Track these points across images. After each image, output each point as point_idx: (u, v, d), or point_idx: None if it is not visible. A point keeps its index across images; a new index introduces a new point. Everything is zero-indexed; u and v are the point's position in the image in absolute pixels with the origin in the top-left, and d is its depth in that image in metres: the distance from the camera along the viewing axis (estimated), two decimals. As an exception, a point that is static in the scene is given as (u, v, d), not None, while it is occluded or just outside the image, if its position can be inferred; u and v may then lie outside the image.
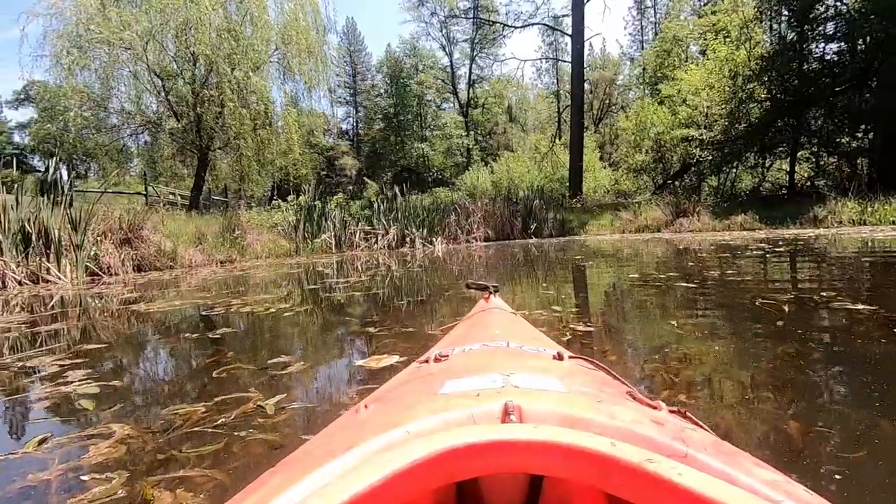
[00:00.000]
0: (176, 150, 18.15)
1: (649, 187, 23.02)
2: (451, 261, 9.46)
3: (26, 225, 7.05)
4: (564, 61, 32.05)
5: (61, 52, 14.90)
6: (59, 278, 7.08)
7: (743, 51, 17.83)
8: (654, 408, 0.57)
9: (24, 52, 15.62)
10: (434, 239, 13.25)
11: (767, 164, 18.55)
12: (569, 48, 24.47)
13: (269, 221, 12.90)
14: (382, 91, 37.52)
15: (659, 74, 29.05)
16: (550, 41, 36.55)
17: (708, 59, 20.31)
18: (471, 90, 36.62)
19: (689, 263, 5.68)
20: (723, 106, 17.73)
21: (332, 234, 12.36)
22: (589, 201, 20.86)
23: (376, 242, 12.75)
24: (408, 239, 13.05)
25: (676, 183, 21.89)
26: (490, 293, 1.58)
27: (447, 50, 36.70)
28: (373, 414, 0.60)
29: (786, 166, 17.76)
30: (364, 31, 66.61)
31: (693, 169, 20.79)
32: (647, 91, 28.04)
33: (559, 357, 0.79)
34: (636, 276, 4.75)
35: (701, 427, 0.58)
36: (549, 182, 23.82)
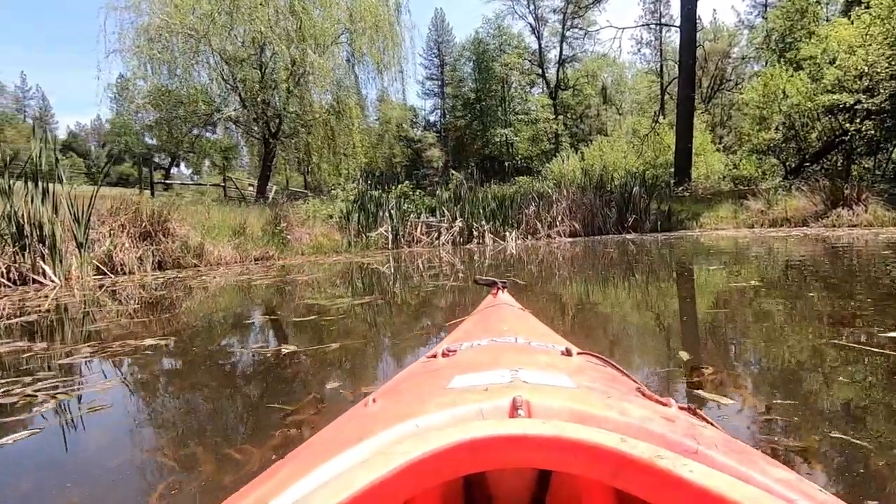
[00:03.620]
0: (245, 140, 17.62)
1: (778, 172, 19.03)
2: (526, 260, 7.43)
3: (18, 218, 6.08)
4: (671, 25, 28.04)
5: (140, 47, 14.65)
6: (52, 279, 6.06)
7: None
8: (664, 404, 0.56)
9: (103, 48, 15.35)
10: (507, 233, 11.17)
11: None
12: (675, 12, 20.95)
13: (325, 212, 11.61)
14: (466, 75, 35.56)
15: (788, 40, 24.38)
16: (654, 9, 32.38)
17: (864, 10, 16.01)
18: (560, 70, 33.48)
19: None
20: (891, 62, 13.66)
21: (390, 227, 10.74)
22: (700, 189, 17.48)
23: (438, 237, 10.94)
24: (475, 233, 11.10)
25: (815, 166, 17.79)
26: (498, 289, 1.53)
27: (535, 29, 33.88)
28: (381, 407, 0.59)
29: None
30: (452, 22, 64.97)
31: (842, 147, 16.66)
32: (774, 59, 23.42)
33: (568, 353, 0.78)
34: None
35: (711, 424, 0.57)
36: (650, 168, 20.61)
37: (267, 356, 2.09)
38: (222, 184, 20.48)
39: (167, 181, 26.00)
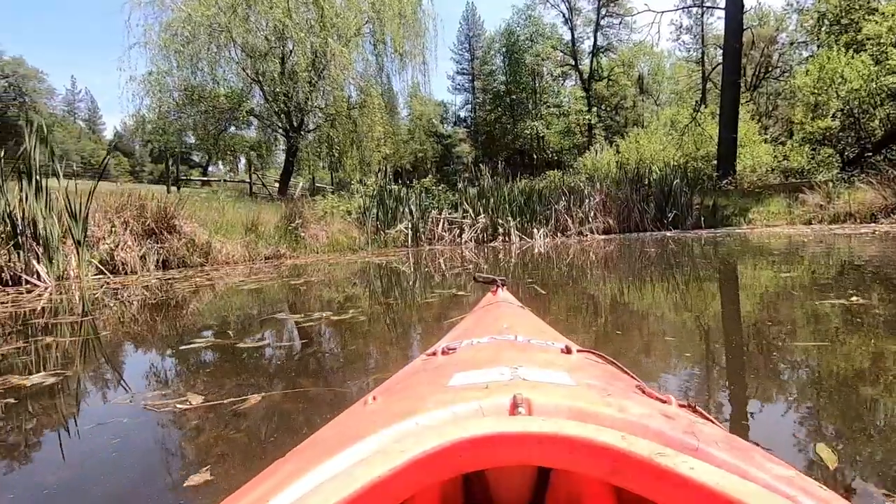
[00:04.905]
0: (269, 136, 17.35)
1: (834, 163, 17.51)
2: (555, 259, 6.72)
3: (12, 216, 5.75)
4: (715, 7, 26.48)
5: (164, 41, 14.46)
6: (45, 280, 5.71)
7: None
8: (664, 402, 0.56)
9: (126, 44, 15.14)
10: (535, 230, 10.41)
11: None
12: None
13: (343, 208, 11.11)
14: (496, 68, 34.58)
15: (844, 21, 22.55)
16: (695, -8, 30.59)
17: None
18: (594, 60, 32.11)
19: None
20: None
21: (410, 223, 10.15)
22: (745, 182, 16.19)
23: (461, 235, 10.28)
24: (500, 230, 10.38)
25: (878, 156, 16.25)
26: (498, 286, 1.50)
27: (568, 19, 32.55)
28: (381, 405, 0.59)
29: None
30: (482, 12, 63.58)
31: (908, 135, 15.14)
32: (831, 40, 21.62)
33: (567, 350, 0.77)
34: None
35: (711, 421, 0.56)
36: (690, 161, 19.36)
37: (154, 415, 1.48)
38: (248, 180, 20.35)
39: (205, 178, 26.20)
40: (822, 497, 0.38)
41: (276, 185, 20.45)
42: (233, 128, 17.51)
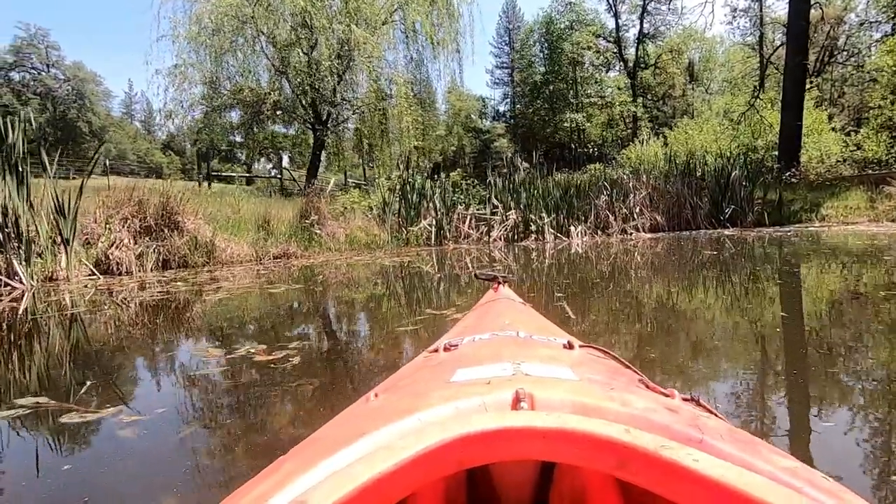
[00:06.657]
0: (299, 130, 16.91)
1: (919, 152, 15.49)
2: (594, 261, 5.79)
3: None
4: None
5: (191, 34, 14.20)
6: (24, 282, 5.24)
7: None
8: (668, 395, 0.56)
9: (154, 37, 14.97)
10: (572, 228, 9.39)
11: None
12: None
13: (365, 203, 10.43)
14: (534, 58, 33.22)
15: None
16: (752, -30, 28.29)
17: None
18: (640, 47, 30.26)
19: None
20: None
21: (434, 219, 9.34)
22: (812, 174, 14.46)
23: (489, 232, 9.37)
24: (533, 227, 9.41)
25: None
26: (499, 283, 1.49)
27: (612, 6, 30.80)
28: (384, 402, 0.59)
29: None
30: (524, 7, 61.96)
31: None
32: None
33: (570, 346, 0.77)
34: None
35: (715, 415, 0.56)
36: (748, 152, 17.67)
37: None
38: (279, 176, 20.14)
39: (240, 175, 26.35)
40: (827, 488, 0.38)
41: (313, 181, 20.12)
42: (275, 126, 17.18)
